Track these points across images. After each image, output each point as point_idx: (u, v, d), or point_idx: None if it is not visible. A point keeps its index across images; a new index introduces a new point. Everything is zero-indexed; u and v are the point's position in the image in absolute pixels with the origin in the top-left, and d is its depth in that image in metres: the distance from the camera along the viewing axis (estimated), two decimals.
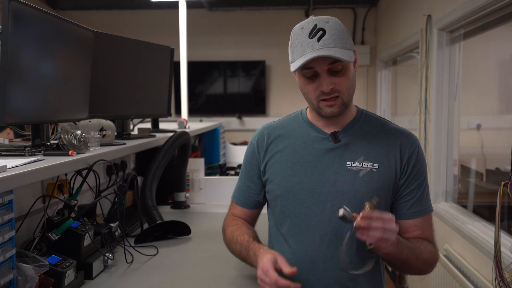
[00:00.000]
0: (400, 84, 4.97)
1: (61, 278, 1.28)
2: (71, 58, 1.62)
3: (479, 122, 3.45)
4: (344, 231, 1.25)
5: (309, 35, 1.20)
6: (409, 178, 1.29)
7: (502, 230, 1.93)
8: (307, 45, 1.20)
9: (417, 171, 1.30)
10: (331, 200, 1.27)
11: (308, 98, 1.29)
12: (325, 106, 1.26)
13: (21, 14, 1.30)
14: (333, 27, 1.21)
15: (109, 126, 1.88)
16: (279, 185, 1.34)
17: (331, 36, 1.19)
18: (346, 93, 1.25)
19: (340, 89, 1.24)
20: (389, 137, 1.32)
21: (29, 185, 1.44)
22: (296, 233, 1.31)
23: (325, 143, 1.31)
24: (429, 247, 1.29)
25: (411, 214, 1.30)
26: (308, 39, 1.20)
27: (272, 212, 1.41)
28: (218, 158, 3.49)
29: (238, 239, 1.36)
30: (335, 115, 1.27)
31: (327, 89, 1.22)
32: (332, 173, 1.28)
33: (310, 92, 1.26)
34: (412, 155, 1.30)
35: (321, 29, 1.20)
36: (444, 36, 3.14)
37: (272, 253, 1.20)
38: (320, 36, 1.19)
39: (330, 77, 1.22)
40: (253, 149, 1.42)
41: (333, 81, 1.22)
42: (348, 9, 5.62)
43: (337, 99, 1.25)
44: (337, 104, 1.25)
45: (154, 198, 2.00)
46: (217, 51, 5.83)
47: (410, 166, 1.29)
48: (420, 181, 1.31)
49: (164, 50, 2.45)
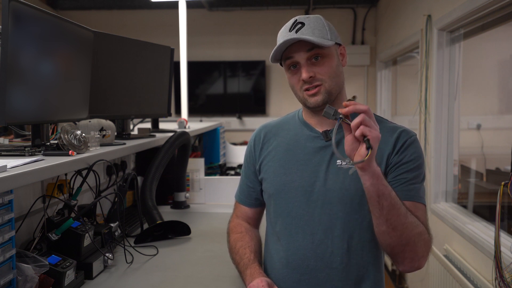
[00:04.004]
0: (400, 84, 4.97)
1: (61, 278, 1.28)
2: (71, 58, 1.62)
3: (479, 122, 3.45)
4: (335, 230, 1.25)
5: (289, 29, 1.27)
6: (398, 163, 1.24)
7: (502, 230, 1.93)
8: (286, 37, 1.25)
9: (408, 159, 1.24)
10: (322, 198, 1.27)
11: (295, 91, 1.31)
12: (308, 96, 1.27)
13: (21, 14, 1.31)
14: (313, 20, 1.27)
15: (109, 126, 1.88)
16: (272, 184, 1.35)
17: (309, 28, 1.25)
18: (329, 80, 1.26)
19: (321, 78, 1.26)
20: (384, 135, 1.27)
21: (29, 185, 1.44)
22: (288, 232, 1.32)
23: (316, 142, 1.32)
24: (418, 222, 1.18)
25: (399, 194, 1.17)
26: (288, 32, 1.26)
27: (267, 211, 1.42)
28: (218, 158, 3.49)
29: (240, 251, 1.37)
30: (319, 105, 1.26)
31: (306, 76, 1.24)
32: (322, 172, 1.29)
33: (295, 84, 1.30)
34: (404, 143, 1.26)
35: (300, 23, 1.26)
36: (444, 36, 3.14)
37: (269, 281, 1.24)
38: (298, 28, 1.25)
39: (310, 66, 1.26)
40: (251, 148, 1.45)
41: (314, 70, 1.25)
42: (348, 9, 5.61)
43: (320, 87, 1.26)
44: (320, 92, 1.26)
45: (154, 198, 2.00)
46: (217, 51, 5.83)
47: (400, 152, 1.25)
48: (411, 167, 1.24)
49: (164, 50, 2.45)
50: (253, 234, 1.45)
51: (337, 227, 1.26)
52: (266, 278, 1.25)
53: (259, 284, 1.22)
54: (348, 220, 1.26)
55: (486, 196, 3.00)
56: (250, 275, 1.28)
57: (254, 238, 1.43)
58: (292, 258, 1.30)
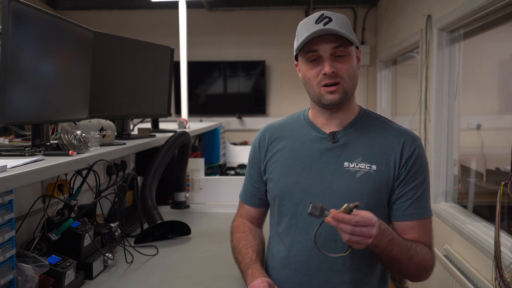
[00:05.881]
0: (400, 84, 4.97)
1: (61, 278, 1.28)
2: (71, 58, 1.62)
3: (479, 122, 3.45)
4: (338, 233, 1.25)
5: (315, 21, 1.24)
6: (406, 177, 1.26)
7: (502, 230, 1.93)
8: (313, 28, 1.22)
9: (415, 171, 1.27)
10: (327, 200, 1.25)
11: (310, 85, 1.28)
12: (326, 93, 1.25)
13: (21, 14, 1.30)
14: (339, 18, 1.25)
15: (109, 126, 1.88)
16: (277, 185, 1.34)
17: (337, 24, 1.23)
18: (348, 80, 1.25)
19: (342, 75, 1.24)
20: (390, 138, 1.29)
21: (29, 185, 1.44)
22: (291, 233, 1.31)
23: (323, 143, 1.31)
24: (425, 250, 1.26)
25: (407, 215, 1.27)
26: (314, 24, 1.23)
27: (272, 212, 1.41)
28: (218, 158, 3.49)
29: (242, 250, 1.37)
30: (335, 103, 1.26)
31: (329, 70, 1.22)
32: (328, 174, 1.27)
33: (312, 78, 1.27)
34: (412, 154, 1.27)
35: (328, 17, 1.24)
36: (444, 36, 3.14)
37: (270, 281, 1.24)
38: (327, 22, 1.23)
39: (333, 62, 1.23)
40: (255, 149, 1.44)
41: (336, 66, 1.24)
42: (348, 9, 5.61)
43: (339, 85, 1.25)
44: (338, 91, 1.25)
45: (154, 198, 2.00)
46: (217, 51, 5.83)
47: (408, 165, 1.26)
48: (419, 181, 1.27)
49: (164, 50, 2.45)
50: (256, 234, 1.44)
51: None
52: (267, 279, 1.25)
53: (260, 284, 1.22)
54: None
55: (486, 196, 3.00)
56: (251, 275, 1.27)
57: (257, 238, 1.43)
58: (294, 259, 1.29)
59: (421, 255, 1.23)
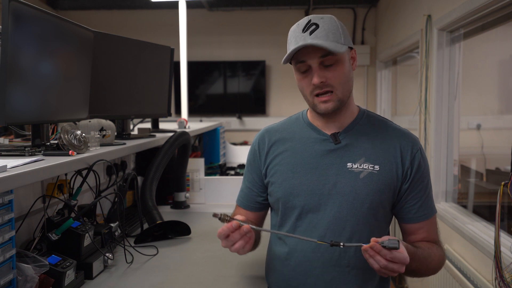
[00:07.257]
0: (400, 84, 4.97)
1: (61, 278, 1.28)
2: (71, 58, 1.62)
3: (479, 122, 3.44)
4: (342, 233, 1.25)
5: (302, 29, 1.22)
6: (413, 182, 1.29)
7: (502, 230, 1.93)
8: (299, 38, 1.22)
9: (420, 174, 1.30)
10: (332, 202, 1.26)
11: (304, 94, 1.29)
12: (319, 102, 1.25)
13: (21, 14, 1.31)
14: (327, 22, 1.23)
15: (109, 126, 1.88)
16: (280, 188, 1.33)
17: (324, 30, 1.21)
18: (340, 88, 1.25)
19: (333, 84, 1.24)
20: (391, 138, 1.30)
21: (29, 185, 1.44)
22: (296, 234, 1.30)
23: (325, 145, 1.31)
24: (439, 252, 1.31)
25: (417, 218, 1.31)
26: (301, 33, 1.22)
27: (275, 214, 1.40)
28: (218, 158, 3.49)
29: None
30: (329, 112, 1.26)
31: (317, 81, 1.22)
32: (332, 175, 1.27)
33: (304, 87, 1.27)
34: (414, 158, 1.29)
35: (314, 24, 1.22)
36: (444, 36, 3.14)
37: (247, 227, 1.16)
38: (313, 30, 1.21)
39: (322, 71, 1.23)
40: (254, 152, 1.42)
41: (325, 75, 1.23)
42: (348, 9, 5.62)
43: (332, 94, 1.24)
44: (331, 100, 1.25)
45: (154, 198, 2.00)
46: (217, 51, 5.83)
47: (413, 170, 1.28)
48: (424, 184, 1.31)
49: (164, 50, 2.45)
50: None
51: (346, 230, 1.25)
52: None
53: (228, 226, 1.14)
54: (357, 224, 1.25)
55: (486, 196, 3.00)
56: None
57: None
58: (299, 261, 1.29)
59: (435, 259, 1.28)
